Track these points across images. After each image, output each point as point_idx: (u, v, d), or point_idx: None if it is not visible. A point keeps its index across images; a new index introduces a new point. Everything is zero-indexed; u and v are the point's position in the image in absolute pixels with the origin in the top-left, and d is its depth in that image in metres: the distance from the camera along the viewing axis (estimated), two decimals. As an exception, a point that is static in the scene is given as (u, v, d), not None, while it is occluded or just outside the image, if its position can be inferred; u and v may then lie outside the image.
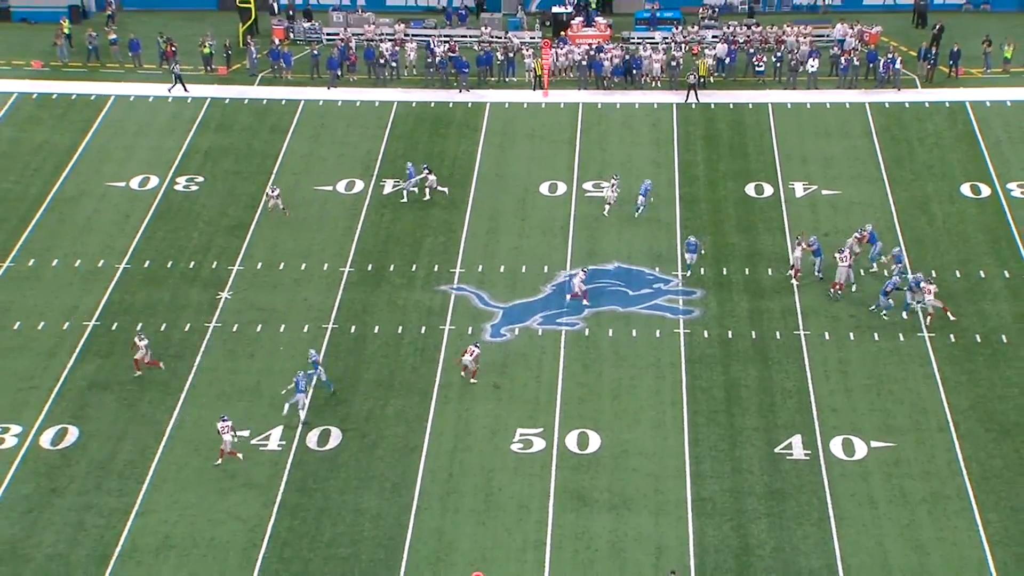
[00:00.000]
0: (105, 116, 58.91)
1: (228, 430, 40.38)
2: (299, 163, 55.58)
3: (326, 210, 52.43)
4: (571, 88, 61.47)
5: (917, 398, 42.86)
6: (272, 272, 49.03)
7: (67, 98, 60.32)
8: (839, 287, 46.86)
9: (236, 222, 51.68)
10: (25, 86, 61.15)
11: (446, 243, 50.55)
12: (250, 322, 46.43)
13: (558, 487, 39.62)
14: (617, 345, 45.32)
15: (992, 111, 58.38)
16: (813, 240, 47.96)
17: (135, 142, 57.06)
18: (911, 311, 46.02)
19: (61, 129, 57.88)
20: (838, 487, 39.51)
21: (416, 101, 60.37)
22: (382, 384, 43.64)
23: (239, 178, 54.51)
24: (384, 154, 55.99)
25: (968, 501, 38.97)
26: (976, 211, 51.96)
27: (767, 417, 42.24)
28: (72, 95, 60.54)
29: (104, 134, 57.63)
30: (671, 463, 40.51)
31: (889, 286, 45.89)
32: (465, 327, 46.12)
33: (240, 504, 39.19)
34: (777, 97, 60.19)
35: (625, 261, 49.42)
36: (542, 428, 41.83)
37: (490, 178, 54.39)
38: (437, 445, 41.29)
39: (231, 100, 60.38)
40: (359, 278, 48.68)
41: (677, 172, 54.72)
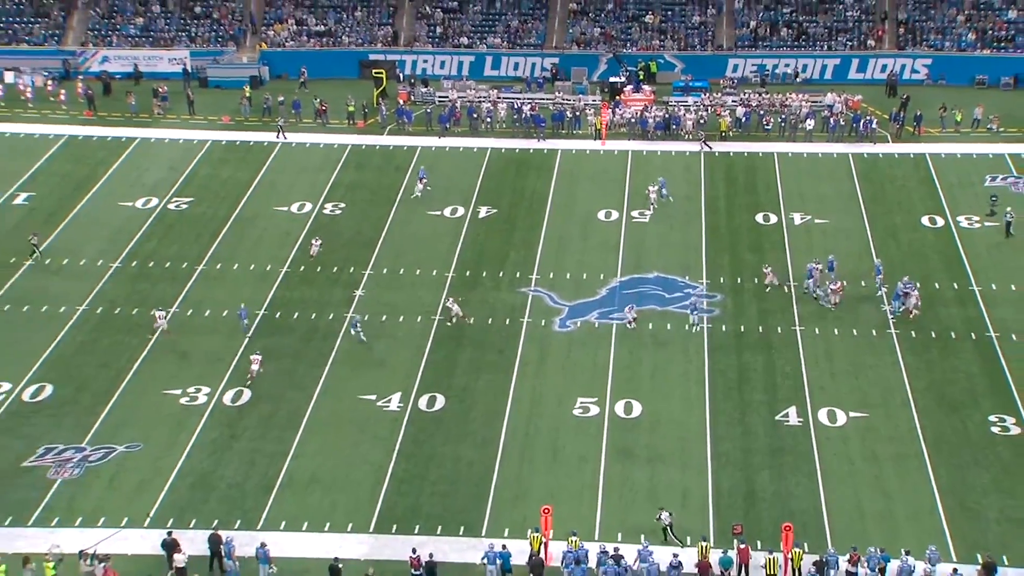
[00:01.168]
0: (274, 158, 59.23)
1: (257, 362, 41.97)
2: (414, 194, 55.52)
3: (436, 229, 52.32)
4: (623, 139, 60.88)
5: (885, 380, 42.09)
6: (395, 276, 48.97)
7: (247, 144, 60.76)
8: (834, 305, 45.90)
9: (368, 238, 51.65)
10: (217, 135, 61.66)
11: (526, 256, 50.24)
12: (377, 313, 46.38)
13: (609, 444, 39.29)
14: (655, 336, 44.77)
15: (946, 161, 57.09)
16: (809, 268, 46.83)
17: (296, 178, 57.28)
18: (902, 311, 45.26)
19: (242, 168, 58.28)
20: (824, 447, 38.91)
21: (505, 148, 60.16)
22: (475, 363, 43.45)
23: (371, 205, 54.52)
24: (480, 188, 55.80)
25: (923, 460, 38.29)
26: (933, 238, 50.88)
27: (770, 393, 41.63)
28: (250, 141, 61.01)
29: (273, 171, 57.95)
30: (695, 427, 40.05)
31: (900, 291, 45.07)
32: (539, 320, 45.81)
33: (368, 451, 39.24)
34: (781, 148, 59.26)
35: (663, 271, 48.85)
36: (597, 398, 41.49)
37: (560, 207, 54.05)
38: (516, 410, 41.03)
39: (366, 146, 60.50)
40: (459, 282, 48.48)
41: (703, 204, 54.05)
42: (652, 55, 67.54)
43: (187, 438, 39.98)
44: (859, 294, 46.50)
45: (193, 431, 40.29)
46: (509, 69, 69.09)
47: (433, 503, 37.17)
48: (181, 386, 42.49)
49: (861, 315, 45.49)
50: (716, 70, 67.39)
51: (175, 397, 41.96)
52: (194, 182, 56.98)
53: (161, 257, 50.56)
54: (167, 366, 43.63)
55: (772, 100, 62.97)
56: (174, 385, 42.55)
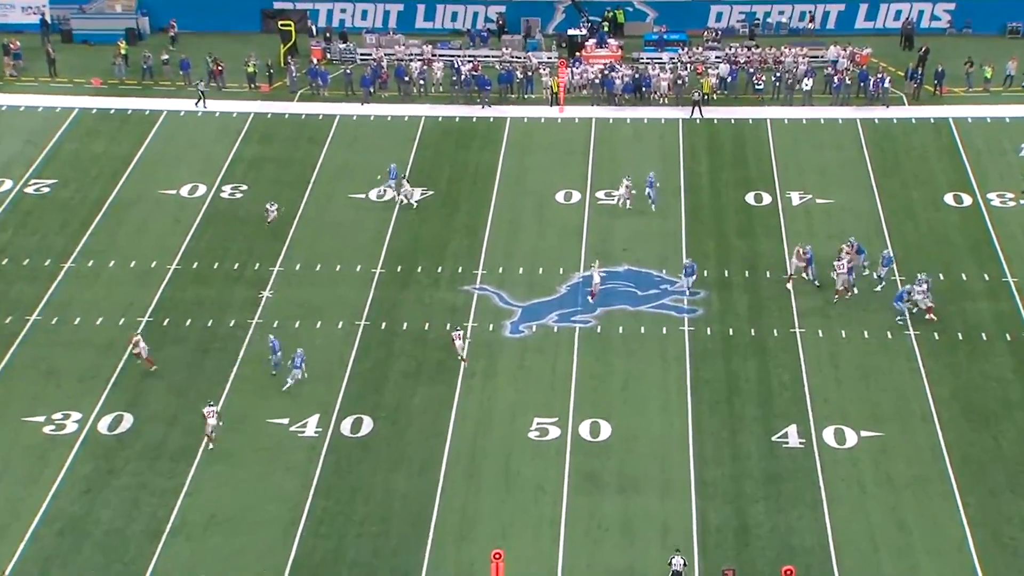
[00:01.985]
0: (158, 129, 59.12)
1: (212, 415, 40.58)
2: (334, 173, 55.67)
3: (359, 215, 52.51)
4: (585, 104, 61.44)
5: (902, 390, 42.78)
6: (309, 272, 49.11)
7: (123, 113, 60.58)
8: (843, 291, 46.71)
9: (277, 226, 51.69)
10: (85, 102, 61.39)
11: (469, 246, 50.58)
12: (289, 318, 46.49)
13: (572, 470, 39.64)
14: (627, 341, 45.27)
15: (973, 127, 58.21)
16: (807, 250, 47.91)
17: (185, 153, 57.27)
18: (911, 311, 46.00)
19: (118, 141, 58.10)
20: (830, 472, 39.46)
21: (442, 116, 60.45)
22: (410, 375, 43.70)
23: (280, 186, 54.61)
24: (413, 164, 56.04)
25: (949, 484, 38.94)
26: (958, 218, 51.83)
27: (764, 407, 42.22)
28: (128, 110, 60.80)
29: (157, 146, 57.85)
30: (676, 449, 40.50)
31: (904, 294, 45.77)
32: (486, 324, 46.17)
33: (280, 485, 39.31)
34: (775, 113, 60.12)
35: (635, 264, 49.38)
36: (557, 417, 41.84)
37: (510, 187, 54.39)
38: (460, 431, 41.34)
39: (272, 115, 60.56)
40: (389, 278, 48.72)
41: (683, 181, 54.66)
42: (619, 2, 68.18)
43: (53, 474, 39.81)
44: (870, 287, 47.28)
45: (61, 466, 40.13)
46: (446, 20, 69.40)
47: (360, 546, 37.32)
48: (46, 411, 42.32)
49: (872, 313, 46.27)
50: (696, 20, 68.13)
51: (38, 425, 41.77)
52: (58, 160, 56.67)
53: (17, 252, 50.28)
54: (28, 386, 43.41)
55: (763, 55, 63.86)
56: (37, 410, 42.36)
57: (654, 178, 52.19)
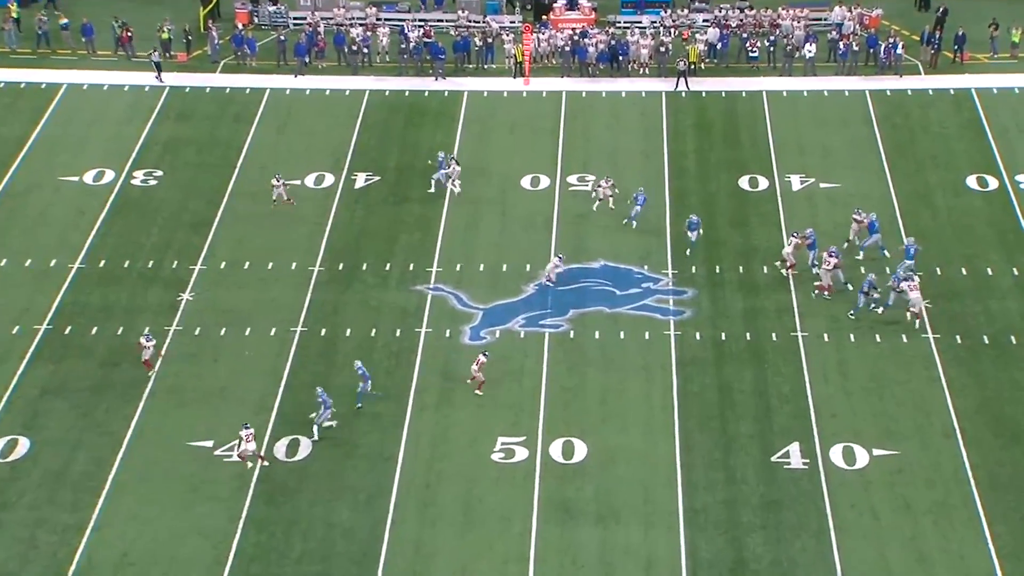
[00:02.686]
0: (57, 106, 58.79)
1: (251, 438, 40.40)
2: (265, 155, 55.54)
3: (295, 206, 52.35)
4: (553, 75, 61.54)
5: (921, 402, 43.05)
6: (237, 271, 48.99)
7: (15, 87, 60.19)
8: (826, 289, 47.10)
9: (198, 218, 51.59)
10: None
11: (422, 240, 50.58)
12: (214, 325, 46.38)
13: (542, 498, 39.66)
14: (604, 348, 45.40)
15: (999, 99, 58.68)
16: (809, 233, 48.17)
17: (89, 133, 56.97)
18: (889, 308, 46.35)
19: (9, 120, 57.75)
20: (838, 497, 39.62)
21: (389, 90, 60.40)
22: (354, 390, 43.37)
23: (201, 171, 54.45)
24: (355, 146, 56.01)
25: (975, 511, 39.11)
26: (983, 204, 52.26)
27: (762, 423, 42.38)
28: (21, 83, 60.43)
29: (56, 125, 57.53)
30: (661, 472, 40.59)
31: (866, 285, 46.02)
32: (442, 329, 46.19)
33: (204, 518, 39.09)
34: (772, 84, 60.42)
35: (612, 259, 49.52)
36: (525, 436, 41.87)
37: (468, 171, 54.29)
38: (413, 454, 41.28)
39: (192, 89, 60.31)
40: (330, 277, 48.67)
41: (666, 164, 54.86)
42: (592, -43, 68.36)
43: (-62, 509, 39.59)
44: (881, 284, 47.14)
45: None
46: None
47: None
48: (-72, 434, 42.08)
49: (885, 314, 46.46)
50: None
51: (-80, 450, 41.56)
52: (-61, 142, 56.45)
53: None
54: (-92, 406, 43.17)
55: (758, 19, 64.12)
56: (-82, 433, 42.12)
57: (643, 195, 51.08)
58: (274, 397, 43.39)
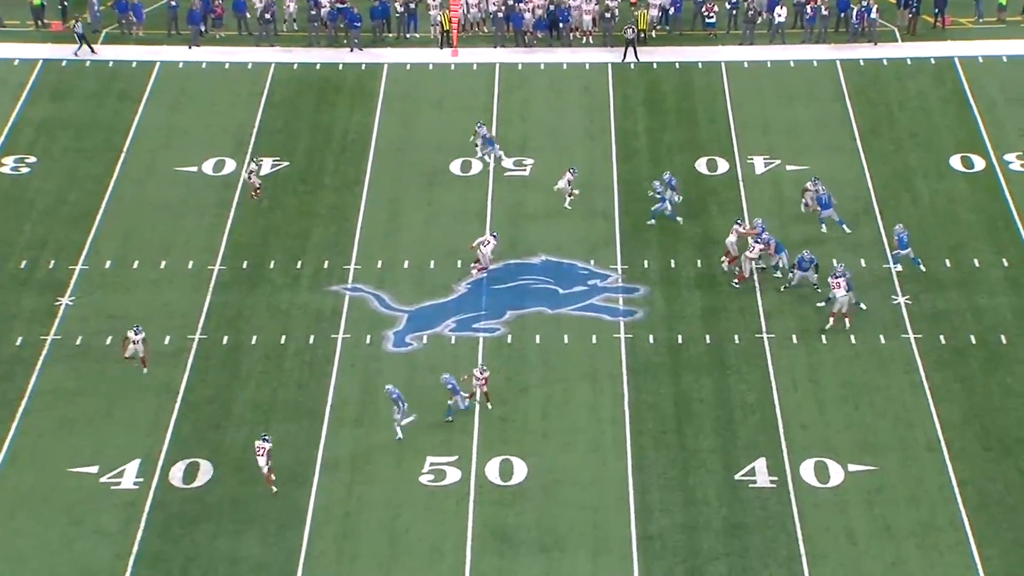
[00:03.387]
0: (-87, 84, 58.69)
1: (263, 452, 40.34)
2: (156, 138, 55.54)
3: (190, 195, 52.37)
4: (485, 45, 61.85)
5: (902, 411, 43.44)
6: (124, 272, 48.93)
7: None
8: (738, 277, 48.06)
9: (79, 211, 51.52)
10: None
11: (338, 234, 50.75)
12: (98, 333, 46.22)
13: (477, 525, 39.75)
14: (546, 354, 45.63)
15: (985, 68, 59.41)
16: (758, 224, 48.63)
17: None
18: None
19: None
20: (810, 519, 39.89)
21: (298, 63, 60.49)
22: (262, 405, 43.64)
23: (81, 157, 54.33)
24: (260, 128, 56.09)
25: (964, 533, 39.43)
26: (968, 188, 52.89)
27: (725, 437, 42.67)
28: None
29: (-89, 106, 57.42)
30: (612, 494, 40.77)
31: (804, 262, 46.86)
32: (362, 335, 46.28)
33: (88, 555, 38.85)
34: (732, 54, 60.96)
35: (554, 253, 49.86)
36: (457, 456, 42.00)
37: (390, 155, 54.59)
38: (330, 478, 41.26)
39: (69, 62, 60.08)
40: (232, 277, 48.72)
41: (614, 145, 55.27)
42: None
43: None
44: (857, 278, 47.72)
45: None
46: (299, -65, 69.28)
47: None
48: None
49: (862, 312, 47.00)
50: (629, -67, 68.72)
51: None
52: None
53: None
54: None
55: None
56: None
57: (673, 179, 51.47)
58: (169, 415, 43.29)
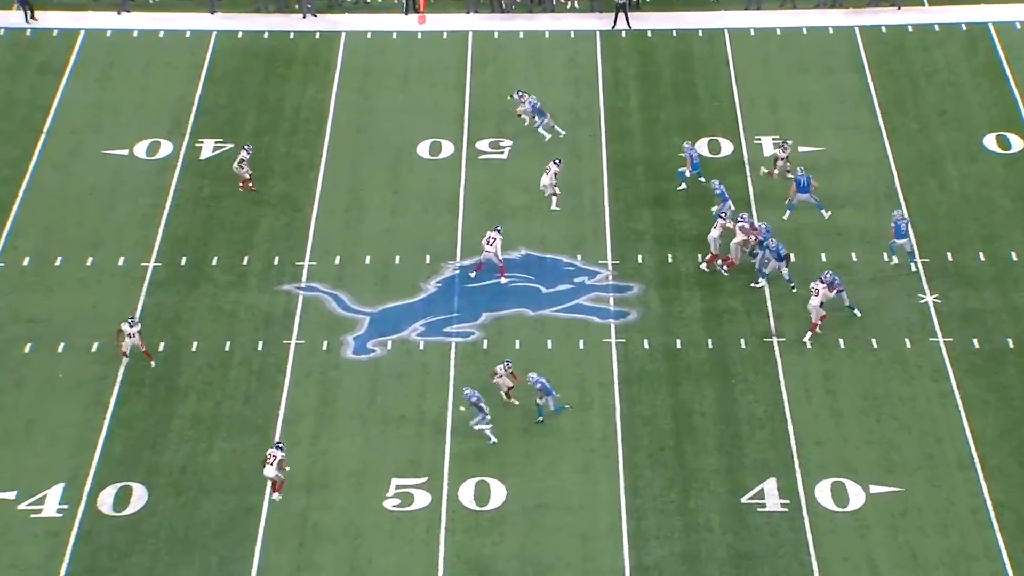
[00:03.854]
0: None
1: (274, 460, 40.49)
2: (81, 117, 55.52)
3: (121, 182, 52.35)
4: (457, 11, 61.83)
5: (930, 424, 43.47)
6: (45, 269, 48.84)
7: None
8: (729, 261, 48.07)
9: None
10: None
11: (290, 226, 50.71)
12: (15, 339, 46.16)
13: (449, 556, 39.63)
14: (527, 361, 45.32)
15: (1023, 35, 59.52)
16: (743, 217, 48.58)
17: None
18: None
19: None
20: (827, 547, 39.87)
21: (243, 31, 60.41)
22: (204, 420, 43.50)
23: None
24: (201, 104, 55.98)
25: (1000, 563, 39.43)
26: (1004, 171, 53.01)
27: (730, 455, 42.63)
28: None
29: None
30: (603, 519, 40.69)
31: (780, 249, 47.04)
32: (318, 340, 46.21)
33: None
34: (736, 20, 61.01)
35: (536, 247, 49.81)
36: (426, 477, 41.86)
37: (349, 136, 54.62)
38: (284, 503, 41.07)
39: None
40: (169, 275, 48.61)
41: (604, 125, 55.31)
42: None
43: None
44: (879, 274, 48.13)
45: None
46: None
47: None
48: None
49: (884, 311, 47.05)
50: None
51: None
52: None
53: None
54: None
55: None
56: None
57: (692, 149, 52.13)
58: (98, 432, 43.06)
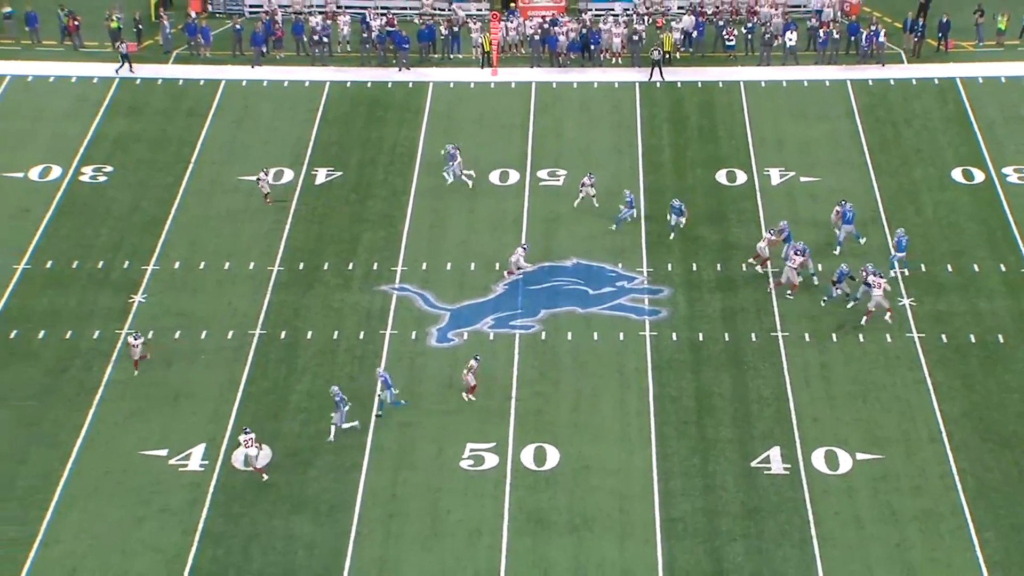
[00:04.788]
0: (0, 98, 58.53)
1: (251, 443, 40.30)
2: (221, 151, 55.47)
3: (251, 202, 52.27)
4: (522, 66, 61.60)
5: (906, 406, 43.26)
6: (191, 273, 48.89)
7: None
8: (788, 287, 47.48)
9: (150, 217, 51.45)
10: (-91, 66, 60.90)
11: (386, 238, 50.59)
12: (167, 329, 46.24)
13: (512, 508, 39.71)
14: (576, 350, 45.47)
15: (985, 88, 58.98)
16: (784, 226, 48.38)
17: (34, 128, 56.71)
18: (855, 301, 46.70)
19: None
20: (821, 504, 39.82)
21: (351, 81, 60.34)
22: (316, 396, 43.53)
23: (153, 168, 54.26)
24: (316, 141, 55.92)
25: (963, 519, 39.35)
26: (969, 199, 52.50)
27: (742, 428, 42.54)
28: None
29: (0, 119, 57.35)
30: (637, 480, 40.69)
31: (836, 275, 46.41)
32: (408, 331, 46.18)
33: (157, 533, 38.97)
34: (750, 75, 60.63)
35: (584, 257, 49.61)
36: (494, 443, 41.90)
37: (434, 167, 54.35)
38: (378, 463, 41.22)
39: (143, 81, 60.08)
40: (289, 278, 48.63)
41: (641, 158, 55.00)
42: (562, -58, 68.47)
43: None
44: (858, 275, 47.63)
45: None
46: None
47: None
48: None
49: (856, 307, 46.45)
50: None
51: None
52: None
53: None
54: None
55: (735, 5, 64.28)
56: None
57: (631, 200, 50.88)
58: (231, 404, 43.28)
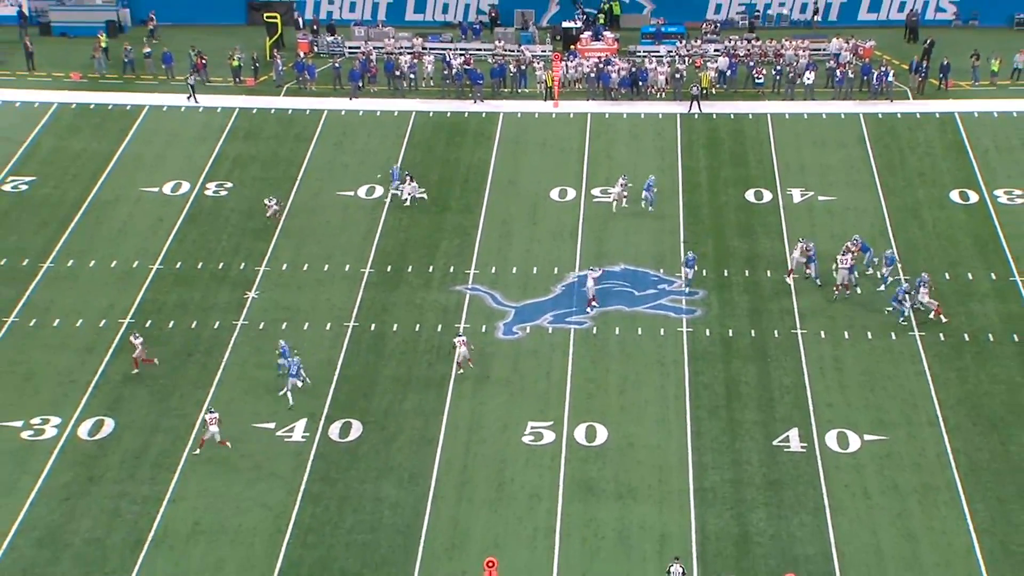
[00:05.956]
0: (140, 125, 58.98)
1: (215, 422, 40.39)
2: (322, 170, 55.63)
3: (348, 214, 52.46)
4: (580, 99, 61.44)
5: (908, 394, 42.85)
6: (296, 273, 49.08)
7: (104, 108, 60.39)
8: (842, 287, 46.87)
9: (262, 225, 51.69)
10: (65, 97, 61.21)
11: (461, 245, 50.59)
12: (275, 320, 46.47)
13: (567, 477, 39.63)
14: (623, 343, 45.29)
15: (980, 121, 58.25)
16: (811, 246, 48.04)
17: (167, 150, 57.14)
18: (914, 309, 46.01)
19: (98, 137, 57.93)
20: (833, 478, 39.51)
21: (433, 111, 60.41)
22: (400, 379, 43.65)
23: (265, 184, 54.52)
24: (403, 161, 55.98)
25: (956, 492, 39.00)
26: (964, 217, 51.87)
27: (765, 411, 42.23)
28: (109, 105, 60.60)
29: (138, 142, 57.69)
30: (674, 455, 40.53)
31: (900, 293, 45.84)
32: (479, 325, 46.13)
33: (266, 493, 39.25)
34: (776, 108, 60.15)
35: (631, 263, 49.40)
36: (552, 421, 41.83)
37: (503, 184, 54.38)
38: (452, 437, 41.29)
39: (258, 110, 60.47)
40: (379, 279, 48.72)
41: (680, 179, 54.68)
42: (615, -6, 68.27)
43: (31, 482, 39.67)
44: (874, 287, 47.33)
45: (39, 473, 39.98)
46: (437, 12, 69.34)
47: (349, 556, 37.26)
48: (24, 416, 42.16)
49: (875, 313, 46.31)
50: (694, 12, 68.19)
51: (15, 430, 41.62)
52: (36, 157, 56.51)
53: (-4, 252, 50.38)
54: (6, 391, 43.28)
55: (764, 49, 63.88)
56: (15, 415, 42.20)
57: (653, 182, 52.16)
58: (329, 385, 43.45)
